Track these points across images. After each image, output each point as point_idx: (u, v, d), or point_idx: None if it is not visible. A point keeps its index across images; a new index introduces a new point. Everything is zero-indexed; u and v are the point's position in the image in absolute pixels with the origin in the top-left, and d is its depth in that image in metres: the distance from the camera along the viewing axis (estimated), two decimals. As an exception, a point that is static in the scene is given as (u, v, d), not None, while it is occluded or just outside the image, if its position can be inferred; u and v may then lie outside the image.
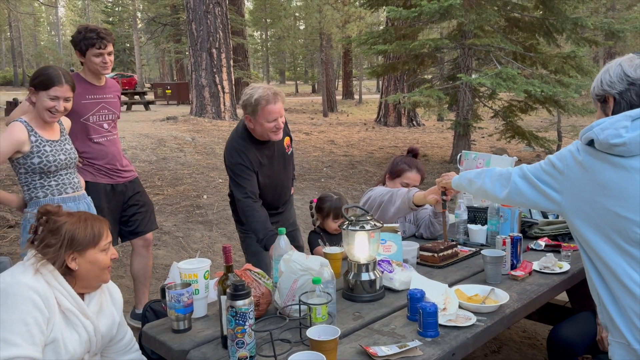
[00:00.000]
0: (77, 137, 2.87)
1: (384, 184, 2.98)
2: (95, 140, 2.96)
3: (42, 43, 54.36)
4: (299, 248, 2.90)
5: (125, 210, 3.16)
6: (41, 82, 2.42)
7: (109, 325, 1.82)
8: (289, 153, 2.89)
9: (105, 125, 3.02)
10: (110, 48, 2.89)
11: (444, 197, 2.40)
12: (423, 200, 2.50)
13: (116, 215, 3.09)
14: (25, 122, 2.46)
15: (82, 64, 2.95)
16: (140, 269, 3.28)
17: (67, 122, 2.71)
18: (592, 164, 1.53)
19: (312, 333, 1.50)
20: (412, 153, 3.02)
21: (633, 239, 1.47)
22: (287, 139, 2.86)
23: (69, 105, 2.50)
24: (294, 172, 3.13)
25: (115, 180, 3.06)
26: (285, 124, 2.77)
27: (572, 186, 1.57)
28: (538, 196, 1.67)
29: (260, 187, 2.71)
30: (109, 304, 1.85)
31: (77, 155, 2.66)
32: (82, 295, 1.75)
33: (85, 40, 2.81)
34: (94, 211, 2.73)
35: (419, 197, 2.51)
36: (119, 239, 3.24)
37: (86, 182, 2.87)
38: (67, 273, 1.69)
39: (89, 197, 2.77)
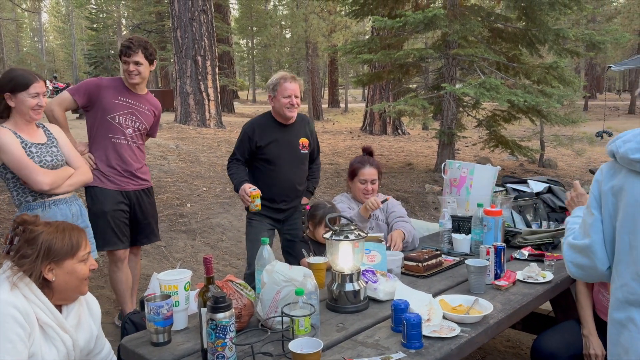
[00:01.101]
0: (97, 134, 2.98)
1: (348, 188, 3.11)
2: (114, 140, 3.01)
3: (24, 49, 53.67)
4: (296, 261, 2.91)
5: (133, 217, 3.17)
6: (17, 83, 2.43)
7: (87, 339, 1.78)
8: (302, 152, 3.19)
9: (130, 130, 3.07)
10: (136, 57, 2.97)
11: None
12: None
13: (120, 218, 3.07)
14: (7, 127, 2.46)
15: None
16: (127, 275, 3.28)
17: (55, 129, 2.70)
18: (619, 183, 1.45)
19: (294, 346, 1.47)
20: (367, 152, 3.13)
21: None
22: (305, 140, 3.20)
23: (46, 100, 2.55)
24: (313, 184, 3.43)
25: (124, 187, 3.06)
26: (311, 127, 3.29)
27: (612, 218, 1.49)
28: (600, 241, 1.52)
29: (268, 170, 3.10)
30: (87, 317, 1.81)
31: (64, 158, 2.62)
32: (59, 307, 1.71)
33: (121, 49, 3.00)
34: (85, 214, 2.75)
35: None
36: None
37: (94, 187, 2.93)
38: (45, 285, 1.65)
39: (79, 199, 2.77)
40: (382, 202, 2.82)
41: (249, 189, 2.93)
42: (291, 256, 3.14)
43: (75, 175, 2.63)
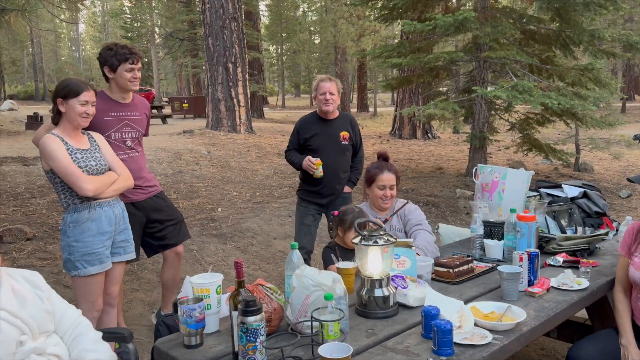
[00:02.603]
0: None
1: (365, 195, 3.08)
2: None
3: (62, 58, 55.53)
4: None
5: (152, 225, 3.20)
6: (70, 90, 2.56)
7: (36, 303, 1.73)
8: (342, 143, 3.70)
9: (129, 142, 3.06)
10: (139, 65, 2.99)
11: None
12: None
13: (137, 230, 3.10)
14: (55, 134, 2.58)
15: (107, 80, 3.00)
16: (169, 278, 3.40)
17: (97, 136, 2.80)
18: None
19: (324, 351, 1.47)
20: (382, 157, 3.09)
21: None
22: (345, 133, 3.71)
23: (94, 110, 2.63)
24: (356, 175, 3.87)
25: (132, 199, 3.08)
26: (353, 124, 3.80)
27: None
28: None
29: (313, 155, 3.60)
30: (29, 291, 1.74)
31: (107, 164, 2.72)
32: None
33: (118, 56, 2.90)
34: (126, 216, 2.83)
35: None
36: (143, 253, 3.30)
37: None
38: None
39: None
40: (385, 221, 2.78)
41: (313, 159, 3.54)
42: None
43: (118, 181, 2.72)
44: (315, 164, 3.52)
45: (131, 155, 3.06)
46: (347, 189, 3.83)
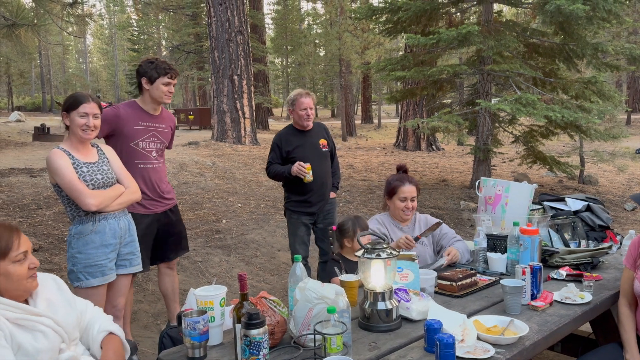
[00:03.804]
0: (124, 163, 3.01)
1: (385, 206, 3.11)
2: (140, 166, 3.11)
3: (70, 70, 56.11)
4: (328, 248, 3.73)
5: (159, 236, 3.26)
6: (71, 104, 2.61)
7: (67, 311, 1.78)
8: (323, 150, 3.85)
9: (154, 153, 3.18)
10: (175, 81, 3.13)
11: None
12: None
13: (148, 242, 3.18)
14: (62, 148, 2.62)
15: (140, 91, 3.14)
16: (168, 287, 3.44)
17: (107, 149, 2.84)
18: None
19: (326, 364, 1.48)
20: (402, 169, 3.14)
21: None
22: (323, 140, 3.86)
23: (98, 122, 2.65)
24: (337, 180, 4.07)
25: (152, 210, 3.16)
26: (327, 132, 3.97)
27: None
28: None
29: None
30: (55, 294, 1.81)
31: (115, 176, 2.75)
32: (27, 301, 1.72)
33: (158, 69, 3.07)
34: (133, 228, 2.86)
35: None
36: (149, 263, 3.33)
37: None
38: None
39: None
40: (417, 239, 2.84)
41: (303, 163, 3.61)
42: (324, 243, 3.90)
43: (125, 194, 2.75)
44: (306, 168, 3.61)
45: (155, 166, 3.19)
46: (332, 194, 4.00)
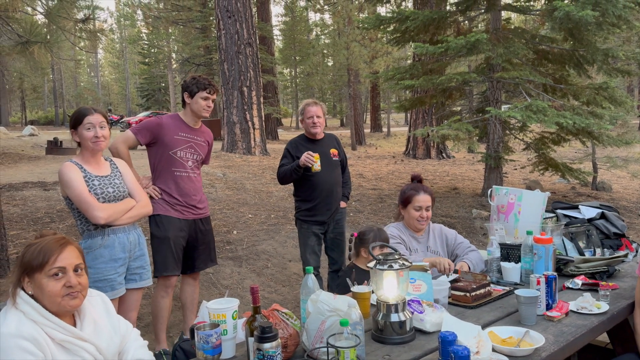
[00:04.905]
0: (162, 169, 3.21)
1: (399, 215, 3.11)
2: (177, 174, 3.24)
3: (82, 84, 56.84)
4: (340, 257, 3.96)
5: (189, 244, 3.35)
6: (76, 119, 2.65)
7: (110, 337, 1.76)
8: (334, 159, 3.93)
9: (190, 163, 3.31)
10: (215, 96, 3.29)
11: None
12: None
13: (180, 246, 3.28)
14: (74, 161, 2.66)
15: (183, 106, 3.33)
16: (188, 297, 3.50)
17: (120, 163, 2.88)
18: None
19: (340, 377, 1.47)
20: (416, 179, 3.15)
21: None
22: (334, 150, 3.97)
23: (106, 131, 2.68)
24: (347, 190, 4.16)
25: (186, 216, 3.28)
26: (338, 142, 4.10)
27: None
28: None
29: (309, 177, 3.77)
30: (103, 317, 1.79)
31: (126, 190, 2.78)
32: (73, 318, 1.71)
33: (199, 84, 3.24)
34: (143, 242, 2.88)
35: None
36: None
37: (159, 214, 3.15)
38: (38, 300, 1.62)
39: (141, 227, 2.94)
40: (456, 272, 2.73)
41: (311, 152, 3.64)
42: (334, 252, 3.98)
43: (135, 208, 2.78)
44: (314, 157, 3.66)
45: (191, 175, 3.31)
46: (342, 204, 4.06)
